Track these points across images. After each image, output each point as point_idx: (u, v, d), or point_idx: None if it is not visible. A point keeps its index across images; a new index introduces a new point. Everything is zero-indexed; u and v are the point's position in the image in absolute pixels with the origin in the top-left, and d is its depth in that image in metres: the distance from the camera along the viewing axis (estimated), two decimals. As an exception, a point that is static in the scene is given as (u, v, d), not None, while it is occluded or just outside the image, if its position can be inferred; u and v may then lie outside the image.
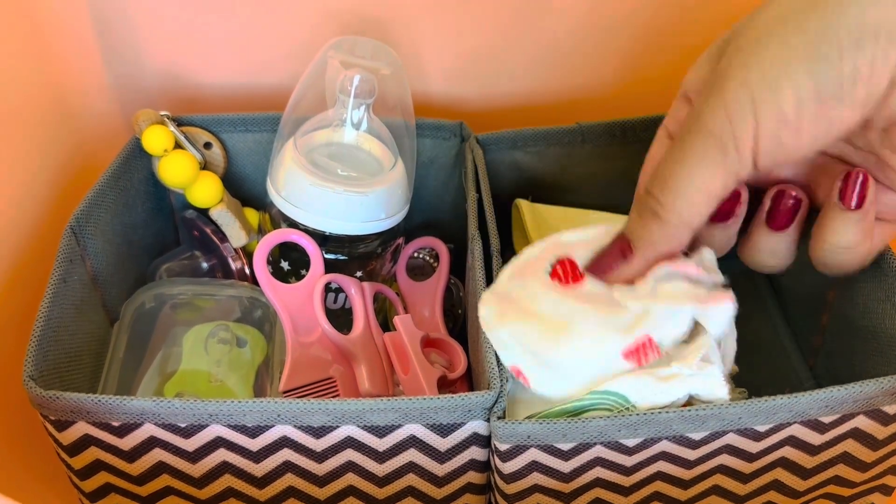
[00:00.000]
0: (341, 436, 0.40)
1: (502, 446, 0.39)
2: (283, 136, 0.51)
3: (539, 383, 0.39)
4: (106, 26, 0.57)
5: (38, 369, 0.41)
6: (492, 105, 0.60)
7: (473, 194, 0.49)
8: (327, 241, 0.50)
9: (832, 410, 0.38)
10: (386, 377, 0.47)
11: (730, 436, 0.39)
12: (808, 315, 0.53)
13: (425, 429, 0.40)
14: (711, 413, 0.38)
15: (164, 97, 0.60)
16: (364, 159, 0.51)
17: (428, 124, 0.55)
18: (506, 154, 0.55)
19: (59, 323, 0.44)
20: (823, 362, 0.51)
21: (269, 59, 0.59)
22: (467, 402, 0.39)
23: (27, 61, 0.53)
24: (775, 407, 0.38)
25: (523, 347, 0.40)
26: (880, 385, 0.38)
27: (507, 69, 0.59)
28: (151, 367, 0.48)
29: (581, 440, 0.38)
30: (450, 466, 0.42)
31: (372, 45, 0.51)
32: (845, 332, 0.47)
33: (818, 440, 0.40)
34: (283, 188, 0.50)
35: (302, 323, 0.48)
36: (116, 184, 0.51)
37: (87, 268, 0.48)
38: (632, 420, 0.37)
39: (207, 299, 0.51)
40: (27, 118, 0.53)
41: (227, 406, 0.39)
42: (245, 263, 0.54)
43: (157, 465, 0.41)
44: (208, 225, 0.54)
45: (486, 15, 0.56)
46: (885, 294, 0.43)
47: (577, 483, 0.40)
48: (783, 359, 0.54)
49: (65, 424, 0.40)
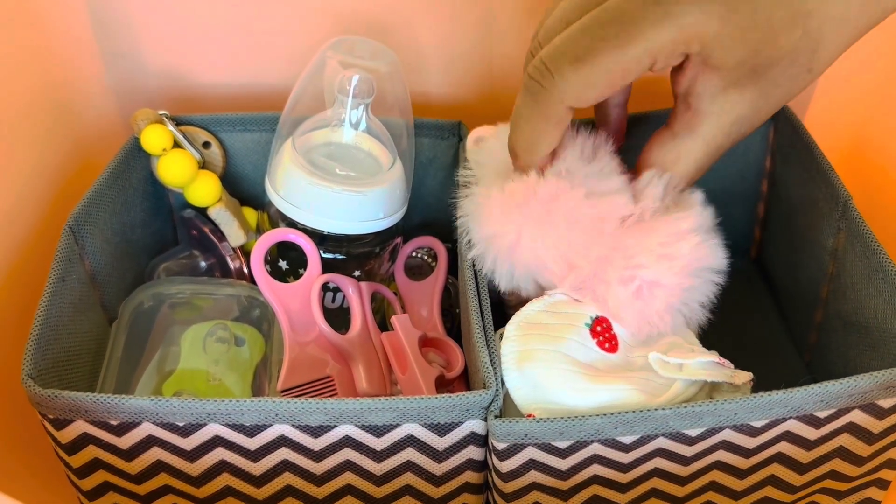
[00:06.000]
0: (339, 435, 0.40)
1: (500, 445, 0.39)
2: (282, 136, 0.52)
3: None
4: (105, 26, 0.58)
5: (37, 368, 0.41)
6: (490, 105, 0.60)
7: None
8: (325, 241, 0.50)
9: (827, 405, 0.39)
10: (383, 377, 0.48)
11: (726, 431, 0.39)
12: (802, 312, 0.53)
13: (423, 428, 0.40)
14: (707, 409, 0.38)
15: (162, 96, 0.60)
16: (362, 159, 0.51)
17: (426, 124, 0.55)
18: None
19: (58, 322, 0.44)
20: (818, 358, 0.51)
21: (268, 59, 0.59)
22: (465, 402, 0.39)
23: (26, 60, 0.53)
24: (771, 402, 0.38)
25: (541, 392, 0.40)
26: (875, 379, 0.38)
27: (506, 69, 0.59)
28: (150, 366, 0.48)
29: (578, 438, 0.38)
30: (447, 466, 0.42)
31: (370, 46, 0.52)
32: (839, 328, 0.48)
33: (814, 435, 0.40)
34: (281, 187, 0.50)
35: (300, 322, 0.48)
36: (115, 183, 0.52)
37: (85, 267, 0.48)
38: (628, 417, 0.38)
39: (206, 298, 0.52)
40: (26, 117, 0.53)
41: (225, 405, 0.39)
42: (243, 262, 0.54)
43: (155, 464, 0.41)
44: (206, 224, 0.55)
45: (485, 15, 0.57)
46: (876, 290, 0.43)
47: (574, 480, 0.40)
48: (779, 355, 0.54)
49: (63, 423, 0.40)
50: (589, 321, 0.42)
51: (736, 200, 0.58)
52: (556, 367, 0.40)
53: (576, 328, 0.42)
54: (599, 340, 0.42)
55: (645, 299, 0.42)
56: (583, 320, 0.42)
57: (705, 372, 0.40)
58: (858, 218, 0.45)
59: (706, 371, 0.40)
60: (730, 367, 0.41)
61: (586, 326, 0.42)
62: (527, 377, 0.40)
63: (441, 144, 0.56)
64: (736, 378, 0.40)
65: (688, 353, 0.41)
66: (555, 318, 0.42)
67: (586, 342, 0.41)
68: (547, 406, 0.40)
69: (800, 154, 0.52)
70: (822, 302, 0.50)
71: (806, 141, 0.51)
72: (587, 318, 0.42)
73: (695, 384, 0.40)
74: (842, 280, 0.47)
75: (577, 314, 0.42)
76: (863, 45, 0.40)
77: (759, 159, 0.57)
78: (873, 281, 0.44)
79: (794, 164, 0.53)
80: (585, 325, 0.42)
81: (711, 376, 0.40)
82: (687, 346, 0.43)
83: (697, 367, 0.40)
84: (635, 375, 0.41)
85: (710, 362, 0.40)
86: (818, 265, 0.50)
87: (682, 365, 0.40)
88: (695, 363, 0.40)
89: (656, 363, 0.40)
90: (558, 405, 0.40)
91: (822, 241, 0.49)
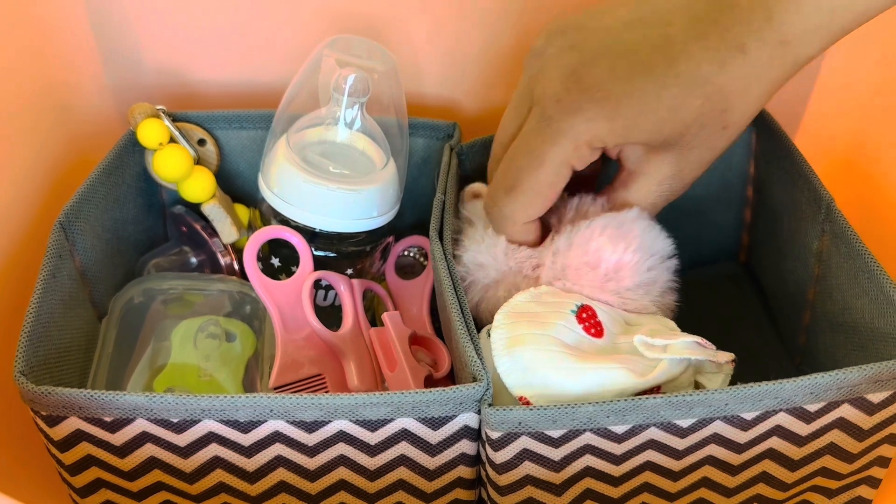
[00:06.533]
0: (333, 430, 0.40)
1: (494, 434, 0.39)
2: (276, 134, 0.52)
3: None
4: (103, 22, 0.57)
5: (29, 364, 0.41)
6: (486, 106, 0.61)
7: (440, 196, 0.49)
8: (316, 238, 0.50)
9: (817, 398, 0.39)
10: (374, 374, 0.48)
11: (717, 424, 0.39)
12: (790, 314, 0.54)
13: (417, 422, 0.40)
14: (698, 399, 0.38)
15: (159, 93, 0.60)
16: (356, 158, 0.52)
17: (421, 124, 0.56)
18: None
19: (49, 318, 0.43)
20: (808, 361, 0.52)
21: (264, 57, 0.59)
22: (458, 395, 0.39)
23: (23, 57, 0.53)
24: (760, 393, 0.38)
25: (532, 374, 0.40)
26: (863, 372, 0.38)
27: (501, 70, 0.60)
28: (141, 362, 0.48)
29: (571, 426, 0.39)
30: (441, 460, 0.42)
31: (367, 45, 0.52)
32: (827, 329, 0.48)
33: (805, 430, 0.40)
34: (275, 185, 0.50)
35: (292, 319, 0.48)
36: (108, 179, 0.51)
37: (75, 263, 0.48)
38: (620, 406, 0.38)
39: (197, 294, 0.51)
40: (22, 113, 0.53)
41: (219, 401, 0.39)
42: (234, 259, 0.54)
43: (148, 461, 0.41)
44: (197, 221, 0.54)
45: (482, 15, 0.57)
46: (862, 290, 0.44)
47: (567, 472, 0.41)
48: (769, 358, 0.55)
49: (56, 420, 0.40)
50: (574, 308, 0.43)
51: (723, 206, 0.59)
52: (546, 349, 0.41)
53: (562, 314, 0.43)
54: (585, 326, 0.43)
55: (613, 279, 0.44)
56: (568, 307, 0.43)
57: (689, 351, 0.41)
58: (842, 220, 0.46)
59: (689, 350, 0.41)
60: (712, 347, 0.42)
61: (572, 313, 0.43)
62: (517, 360, 0.41)
63: (435, 145, 0.56)
64: (718, 357, 0.42)
65: (671, 335, 0.42)
66: (541, 306, 0.43)
67: (573, 327, 0.42)
68: (537, 387, 0.40)
69: (781, 159, 0.53)
70: (809, 304, 0.51)
71: (787, 146, 0.52)
72: (573, 306, 0.43)
73: (680, 363, 0.41)
74: (828, 281, 0.48)
75: (563, 302, 0.43)
76: (859, 52, 0.41)
77: (743, 166, 0.58)
78: (859, 281, 0.44)
79: (776, 169, 0.54)
80: (571, 312, 0.43)
81: (695, 354, 0.41)
82: (668, 330, 0.44)
83: (681, 347, 0.41)
84: (622, 357, 0.41)
85: (692, 342, 0.41)
86: (804, 268, 0.51)
87: (667, 346, 0.41)
88: (679, 343, 0.41)
89: (642, 345, 0.41)
90: (548, 386, 0.40)
91: (807, 243, 0.50)
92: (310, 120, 0.51)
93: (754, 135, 0.56)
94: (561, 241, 0.45)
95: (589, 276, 0.44)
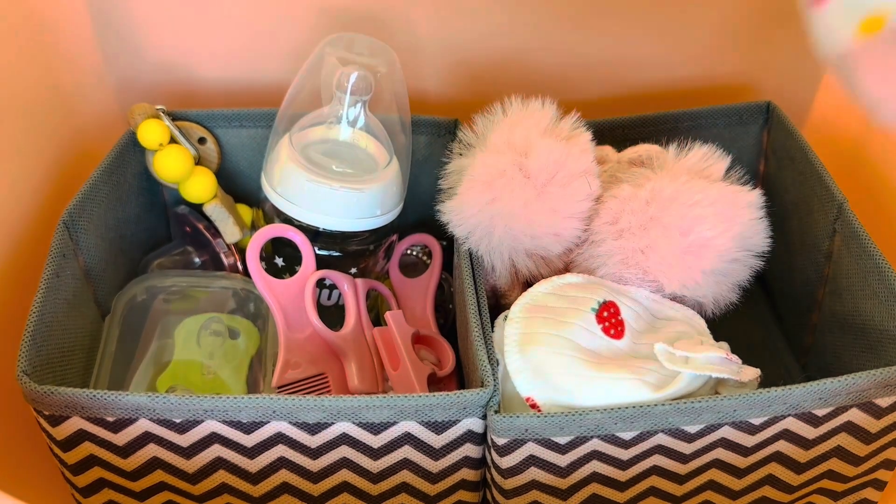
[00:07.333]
0: (336, 432, 0.40)
1: (500, 440, 0.39)
2: (279, 133, 0.51)
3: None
4: (104, 20, 0.57)
5: (32, 364, 0.41)
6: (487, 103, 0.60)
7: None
8: (319, 237, 0.50)
9: (825, 403, 0.39)
10: (375, 374, 0.47)
11: (725, 429, 0.39)
12: (798, 315, 0.53)
13: (420, 426, 0.40)
14: (706, 405, 0.38)
15: (160, 91, 0.60)
16: (359, 156, 0.51)
17: (423, 121, 0.55)
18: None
19: (52, 318, 0.43)
20: (815, 361, 0.51)
21: (265, 55, 0.59)
22: (462, 400, 0.39)
23: (25, 54, 0.53)
24: (770, 399, 0.38)
25: (543, 378, 0.40)
26: (872, 377, 0.38)
27: (503, 67, 0.59)
28: (144, 360, 0.48)
29: (578, 433, 0.38)
30: (444, 463, 0.42)
31: (369, 43, 0.51)
32: (835, 330, 0.48)
33: (812, 434, 0.40)
34: (278, 184, 0.49)
35: (295, 318, 0.48)
36: (110, 178, 0.51)
37: (79, 263, 0.48)
38: (628, 413, 0.38)
39: (200, 291, 0.51)
40: (24, 112, 0.52)
41: (222, 402, 0.39)
42: (238, 259, 0.54)
43: (151, 461, 0.41)
44: (200, 221, 0.54)
45: (483, 13, 0.57)
46: (872, 291, 0.44)
47: (574, 478, 0.40)
48: (776, 358, 0.54)
49: (59, 419, 0.39)
50: (596, 306, 0.42)
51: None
52: (560, 353, 0.40)
53: (582, 313, 0.41)
54: (605, 326, 0.41)
55: (695, 254, 0.41)
56: (589, 304, 0.42)
57: (711, 367, 0.39)
58: (854, 220, 0.45)
59: (712, 366, 0.39)
60: (738, 362, 0.41)
61: (592, 311, 0.42)
62: (528, 360, 0.40)
63: (438, 142, 0.56)
64: (743, 375, 0.40)
65: (696, 346, 0.40)
66: (561, 301, 0.42)
67: (592, 328, 0.41)
68: (546, 392, 0.40)
69: (793, 157, 0.52)
70: (817, 304, 0.50)
71: (800, 143, 0.51)
72: (594, 303, 0.42)
73: (699, 378, 0.40)
74: (838, 282, 0.47)
75: (585, 298, 0.42)
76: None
77: (752, 163, 0.57)
78: (869, 282, 0.44)
79: (787, 167, 0.53)
80: (592, 311, 0.42)
81: (717, 372, 0.39)
82: (696, 335, 0.42)
83: (704, 362, 0.39)
84: (639, 365, 0.40)
85: (717, 357, 0.40)
86: (814, 267, 0.50)
87: (689, 358, 0.40)
88: (702, 358, 0.40)
89: (662, 355, 0.40)
90: (558, 391, 0.39)
91: (818, 243, 0.49)
92: (312, 119, 0.51)
93: (766, 132, 0.56)
94: (665, 184, 0.42)
95: (672, 241, 0.41)
